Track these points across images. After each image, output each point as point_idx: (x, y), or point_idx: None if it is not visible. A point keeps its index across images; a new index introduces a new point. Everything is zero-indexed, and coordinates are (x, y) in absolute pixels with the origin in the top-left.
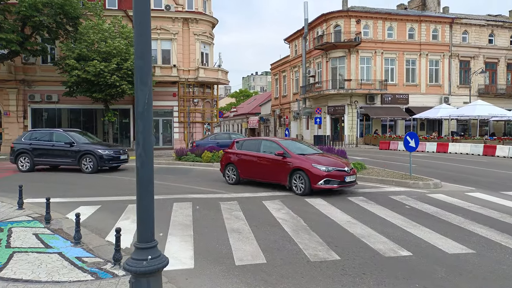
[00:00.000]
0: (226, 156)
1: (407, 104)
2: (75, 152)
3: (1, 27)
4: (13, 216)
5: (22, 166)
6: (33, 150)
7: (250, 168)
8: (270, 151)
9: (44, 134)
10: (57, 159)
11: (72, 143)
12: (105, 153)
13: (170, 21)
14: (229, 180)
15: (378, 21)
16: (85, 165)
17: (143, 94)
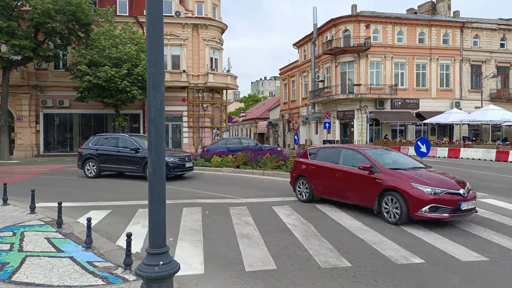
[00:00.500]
0: (298, 166)
1: (417, 109)
2: (140, 159)
3: (15, 33)
4: (26, 220)
5: (89, 172)
6: (99, 155)
7: (326, 184)
8: (352, 163)
9: (110, 139)
10: (123, 165)
11: (138, 149)
12: (170, 160)
13: (180, 27)
14: (300, 197)
15: (387, 25)
16: None
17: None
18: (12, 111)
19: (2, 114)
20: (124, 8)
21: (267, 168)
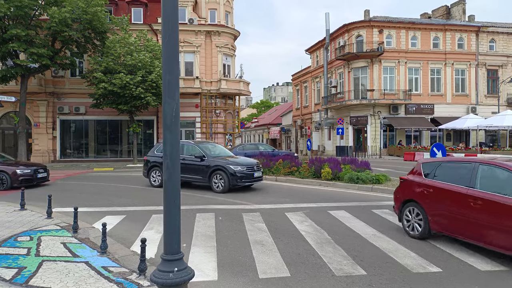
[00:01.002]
0: (405, 187)
1: (432, 114)
2: (206, 167)
3: (33, 42)
4: (43, 225)
5: (154, 181)
6: None
7: (453, 216)
8: (497, 187)
9: None
10: (188, 174)
11: (203, 157)
12: (237, 169)
13: (193, 34)
14: (409, 230)
15: (401, 30)
16: (216, 183)
17: (170, 107)
18: (30, 117)
19: (20, 121)
20: (139, 16)
21: (279, 174)
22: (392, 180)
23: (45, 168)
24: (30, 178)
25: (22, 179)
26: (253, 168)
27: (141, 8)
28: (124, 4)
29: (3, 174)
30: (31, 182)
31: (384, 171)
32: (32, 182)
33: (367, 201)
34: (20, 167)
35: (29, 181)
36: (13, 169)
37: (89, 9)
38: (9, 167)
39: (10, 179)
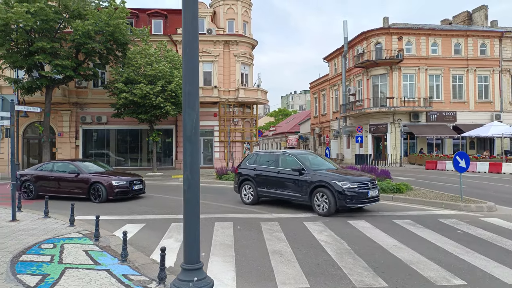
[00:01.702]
0: None
1: (454, 121)
2: (306, 183)
3: (58, 54)
4: (65, 232)
5: (246, 197)
6: (256, 177)
7: None
8: None
9: (269, 157)
10: (284, 191)
11: (302, 170)
12: (346, 186)
13: (212, 44)
14: None
15: (421, 37)
16: (318, 204)
17: (190, 118)
18: (53, 127)
19: (44, 130)
20: (159, 27)
21: None
22: (414, 190)
23: (141, 179)
24: (125, 190)
25: (117, 191)
26: (367, 185)
27: (161, 19)
28: (145, 16)
29: (99, 185)
30: (127, 194)
31: (405, 180)
32: (127, 195)
33: (388, 211)
34: (116, 177)
35: (125, 193)
36: (109, 180)
37: (111, 21)
38: (105, 177)
39: (106, 191)
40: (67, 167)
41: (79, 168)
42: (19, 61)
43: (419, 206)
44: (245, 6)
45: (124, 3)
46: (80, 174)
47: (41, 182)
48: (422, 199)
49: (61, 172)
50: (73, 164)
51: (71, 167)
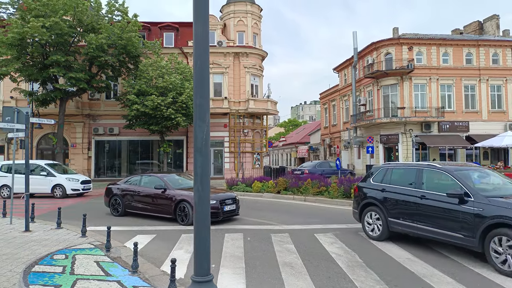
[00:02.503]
0: None
1: (467, 132)
2: (474, 217)
3: (72, 67)
4: (77, 243)
5: (370, 229)
6: (385, 201)
7: None
8: None
9: (406, 173)
10: (431, 226)
11: (465, 196)
12: None
13: (222, 55)
14: None
15: (431, 47)
16: (497, 255)
17: (201, 130)
18: (67, 138)
19: (58, 142)
20: (170, 40)
21: (308, 194)
22: None
23: (234, 197)
24: (214, 212)
25: None
26: None
27: (173, 32)
28: (157, 29)
29: (185, 204)
30: (216, 217)
31: None
32: (216, 217)
33: None
34: None
35: (214, 215)
36: None
37: (124, 35)
38: (191, 194)
39: (192, 211)
40: (154, 181)
41: (166, 183)
42: (34, 74)
43: None
44: (255, 19)
45: (137, 17)
46: (166, 190)
47: (127, 198)
48: None
49: (148, 187)
50: (159, 178)
51: (157, 181)
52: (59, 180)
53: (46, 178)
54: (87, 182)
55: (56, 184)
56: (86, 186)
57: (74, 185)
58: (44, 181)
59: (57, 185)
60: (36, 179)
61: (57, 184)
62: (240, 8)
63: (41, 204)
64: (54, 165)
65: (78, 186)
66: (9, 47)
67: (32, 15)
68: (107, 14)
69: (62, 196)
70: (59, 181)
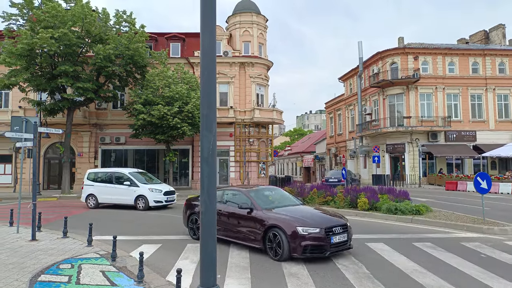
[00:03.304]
0: None
1: (474, 141)
2: None
3: (80, 77)
4: (83, 253)
5: None
6: None
7: None
8: None
9: None
10: None
11: None
12: None
13: (228, 65)
14: None
15: (437, 56)
16: None
17: (207, 140)
18: (74, 147)
19: (65, 151)
20: (177, 50)
21: (314, 203)
22: (434, 211)
23: (345, 225)
24: (319, 245)
25: (306, 246)
26: None
27: (179, 43)
28: (163, 39)
29: (277, 230)
30: (321, 251)
31: (424, 201)
32: (322, 252)
33: (408, 233)
34: (302, 219)
35: (318, 249)
36: (292, 225)
37: (131, 45)
38: (286, 218)
39: (288, 243)
40: (239, 198)
41: (252, 201)
42: (42, 84)
43: (440, 229)
44: (261, 29)
45: (144, 28)
46: (253, 211)
47: None
48: (443, 221)
49: (231, 205)
50: (244, 194)
51: (242, 198)
52: (142, 191)
53: (129, 189)
54: (171, 193)
55: (139, 195)
56: (170, 198)
57: (157, 196)
58: (127, 191)
59: (139, 196)
60: (119, 189)
61: (140, 195)
62: (246, 19)
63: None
64: (139, 173)
65: (161, 198)
66: (19, 58)
67: (41, 26)
68: (115, 25)
69: (145, 208)
70: (142, 192)
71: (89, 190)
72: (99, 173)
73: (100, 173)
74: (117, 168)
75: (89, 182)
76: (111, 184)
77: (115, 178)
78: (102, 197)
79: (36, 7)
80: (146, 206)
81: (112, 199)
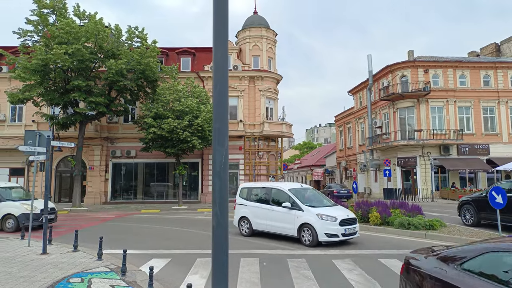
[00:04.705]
0: None
1: (487, 154)
2: None
3: (92, 91)
4: (93, 266)
5: None
6: None
7: None
8: None
9: None
10: None
11: None
12: None
13: (238, 79)
14: None
15: (448, 69)
16: None
17: (219, 154)
18: (85, 161)
19: (76, 164)
20: (187, 64)
21: None
22: (448, 226)
23: None
24: None
25: None
26: None
27: (189, 57)
28: (174, 54)
29: None
30: None
31: (437, 216)
32: None
33: None
34: None
35: None
36: None
37: (143, 60)
38: None
39: None
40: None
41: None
42: (56, 99)
43: (455, 244)
44: (270, 43)
45: (156, 43)
46: None
47: None
48: (458, 236)
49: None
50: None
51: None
52: (307, 217)
53: (290, 213)
54: (350, 222)
55: (302, 224)
56: (349, 230)
57: (329, 226)
58: (287, 216)
59: (304, 225)
60: (277, 213)
61: (304, 223)
62: (255, 33)
63: (128, 232)
64: (302, 190)
65: (335, 229)
66: (33, 73)
67: (55, 42)
68: (127, 40)
69: (312, 244)
70: (307, 219)
71: (241, 211)
72: (254, 189)
73: (255, 188)
74: (274, 183)
75: (242, 200)
76: (267, 204)
77: (273, 196)
78: (256, 221)
79: (51, 24)
80: (314, 241)
81: (268, 226)
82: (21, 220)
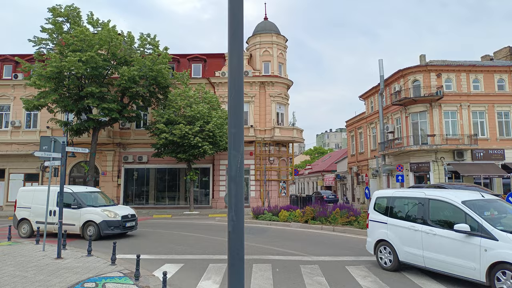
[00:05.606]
0: None
1: (503, 160)
2: None
3: (105, 98)
4: (107, 271)
5: None
6: None
7: None
8: None
9: None
10: None
11: None
12: None
13: (248, 85)
14: None
15: (461, 73)
16: None
17: (235, 159)
18: (98, 166)
19: (89, 170)
20: (198, 71)
21: (337, 223)
22: None
23: None
24: None
25: None
26: None
27: (201, 63)
28: (185, 60)
29: None
30: None
31: None
32: None
33: None
34: None
35: None
36: None
37: (155, 67)
38: None
39: None
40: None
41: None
42: (70, 105)
43: None
44: (280, 49)
45: (167, 50)
46: None
47: None
48: None
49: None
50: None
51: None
52: (503, 253)
53: (469, 241)
54: None
55: (497, 263)
56: None
57: None
58: (462, 247)
59: (500, 265)
60: (444, 240)
61: (500, 261)
62: (266, 39)
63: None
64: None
65: None
66: (48, 80)
67: (69, 50)
68: (139, 47)
69: None
70: (503, 255)
71: (378, 233)
72: (397, 199)
73: (400, 198)
74: (433, 191)
75: (379, 215)
76: (424, 225)
77: (432, 211)
78: (404, 250)
79: (65, 32)
80: None
81: (426, 260)
82: (102, 228)
